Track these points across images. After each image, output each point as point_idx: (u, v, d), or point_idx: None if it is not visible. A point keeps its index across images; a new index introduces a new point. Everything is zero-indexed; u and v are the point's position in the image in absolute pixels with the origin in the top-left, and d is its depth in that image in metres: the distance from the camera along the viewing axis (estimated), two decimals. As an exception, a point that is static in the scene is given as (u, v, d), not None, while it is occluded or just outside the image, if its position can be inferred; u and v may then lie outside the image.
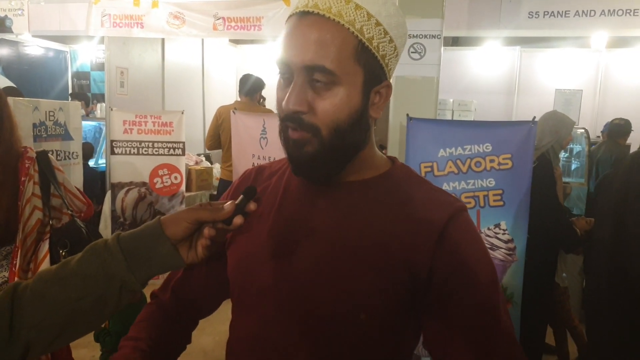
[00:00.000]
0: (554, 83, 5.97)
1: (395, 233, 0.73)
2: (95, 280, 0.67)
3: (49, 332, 0.67)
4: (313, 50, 0.67)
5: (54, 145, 3.54)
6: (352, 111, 0.71)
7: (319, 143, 0.71)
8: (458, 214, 0.74)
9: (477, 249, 0.75)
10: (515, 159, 2.43)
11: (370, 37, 0.69)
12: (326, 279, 0.73)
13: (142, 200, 4.01)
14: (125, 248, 0.68)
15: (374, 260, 0.72)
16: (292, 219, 0.78)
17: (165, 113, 4.23)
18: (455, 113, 5.59)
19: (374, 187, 0.77)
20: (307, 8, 0.68)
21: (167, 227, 0.69)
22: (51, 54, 6.71)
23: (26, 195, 1.61)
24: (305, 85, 0.69)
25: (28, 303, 0.67)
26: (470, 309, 0.71)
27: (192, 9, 4.24)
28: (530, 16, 3.72)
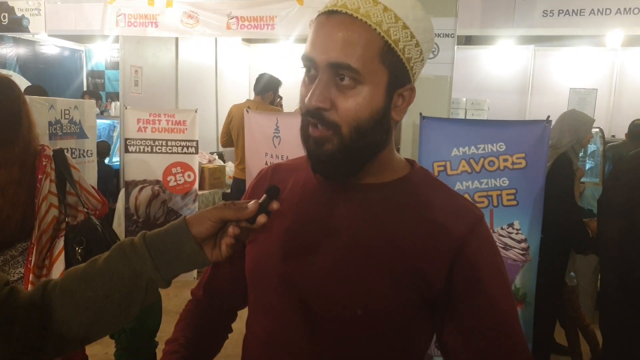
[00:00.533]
0: (568, 82, 5.91)
1: (413, 239, 0.74)
2: (122, 278, 0.69)
3: (78, 328, 0.69)
4: (339, 48, 0.68)
5: (69, 143, 3.60)
6: (374, 111, 0.71)
7: (339, 141, 0.71)
8: (478, 224, 0.75)
9: (496, 261, 0.76)
10: (529, 159, 2.42)
11: (397, 39, 0.69)
12: (341, 280, 0.73)
13: (156, 198, 4.05)
14: (151, 246, 0.69)
15: (389, 264, 0.73)
16: (309, 219, 0.78)
17: (178, 111, 4.27)
18: (469, 112, 5.56)
19: (393, 190, 0.78)
20: (336, 7, 0.69)
21: (192, 226, 0.70)
22: (67, 53, 6.79)
23: (43, 193, 1.63)
24: (330, 82, 0.70)
25: (58, 300, 0.69)
26: (487, 322, 0.72)
27: (206, 8, 4.26)
28: (545, 14, 3.68)
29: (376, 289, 0.72)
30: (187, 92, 5.46)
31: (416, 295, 0.73)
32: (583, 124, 2.60)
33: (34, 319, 0.68)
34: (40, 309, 0.68)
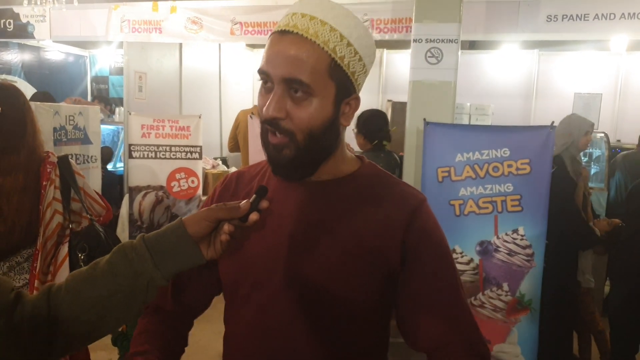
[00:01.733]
0: (572, 87, 5.88)
1: (369, 223, 0.84)
2: (124, 278, 0.73)
3: (84, 327, 0.73)
4: (292, 65, 0.76)
5: (74, 149, 3.61)
6: (324, 119, 0.80)
7: (295, 147, 0.80)
8: (421, 205, 0.88)
9: (438, 236, 0.89)
10: (533, 164, 2.41)
11: (342, 56, 0.78)
12: (314, 266, 0.83)
13: (160, 203, 4.05)
14: (150, 247, 0.74)
15: (353, 248, 0.83)
16: (277, 217, 0.86)
17: (182, 117, 4.28)
18: (473, 117, 5.54)
19: (347, 184, 0.88)
20: (288, 28, 0.78)
21: (189, 226, 0.75)
22: (71, 58, 6.83)
23: (47, 199, 1.64)
24: (285, 95, 0.78)
25: (64, 301, 0.73)
26: (431, 286, 0.85)
27: (210, 14, 4.28)
28: (549, 19, 3.67)
29: (345, 270, 0.82)
30: (191, 97, 5.47)
31: (379, 272, 0.84)
32: (576, 127, 2.62)
33: (41, 320, 0.71)
34: (47, 310, 0.72)
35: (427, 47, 2.86)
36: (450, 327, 0.84)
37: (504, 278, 2.47)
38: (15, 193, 1.57)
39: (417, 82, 2.90)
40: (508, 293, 2.47)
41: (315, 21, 0.77)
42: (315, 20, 0.77)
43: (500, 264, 2.47)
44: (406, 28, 3.60)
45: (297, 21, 0.77)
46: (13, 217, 1.57)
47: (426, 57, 2.87)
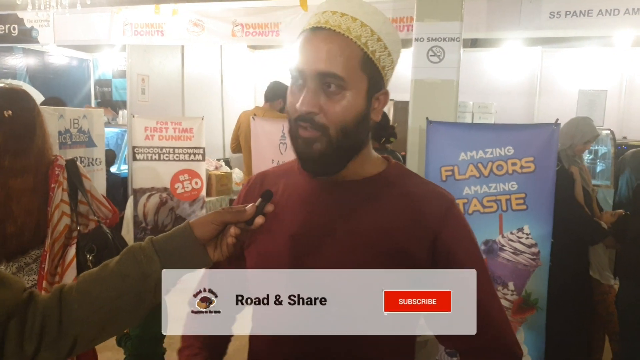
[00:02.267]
0: (577, 84, 5.84)
1: (397, 224, 0.84)
2: (133, 279, 0.75)
3: (93, 327, 0.75)
4: (326, 59, 0.78)
5: (78, 152, 3.62)
6: (357, 113, 0.81)
7: (327, 141, 0.80)
8: (452, 206, 0.87)
9: (469, 238, 0.88)
10: (537, 162, 2.39)
11: (374, 50, 0.80)
12: (338, 267, 0.81)
13: (164, 205, 4.06)
14: (158, 249, 0.76)
15: (380, 249, 0.82)
16: (302, 218, 0.86)
17: (185, 119, 4.29)
18: (476, 115, 5.52)
19: (374, 184, 0.88)
20: (320, 24, 0.80)
21: (196, 228, 0.77)
22: (74, 62, 6.86)
23: (55, 201, 1.67)
24: (318, 89, 0.79)
25: (74, 301, 0.75)
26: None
27: (211, 16, 4.29)
28: (552, 16, 3.65)
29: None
30: (193, 99, 5.49)
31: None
32: (580, 134, 2.64)
33: (52, 320, 0.73)
34: (58, 310, 0.74)
35: (428, 45, 2.85)
36: (484, 328, 0.81)
37: (509, 277, 2.45)
38: (25, 194, 1.61)
39: (419, 81, 2.89)
40: (514, 292, 2.45)
41: (347, 17, 0.79)
42: (347, 16, 0.79)
43: (506, 263, 2.45)
44: (407, 27, 3.59)
45: (328, 18, 0.80)
46: (23, 218, 1.60)
47: (428, 56, 2.85)
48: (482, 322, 0.80)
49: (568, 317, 2.56)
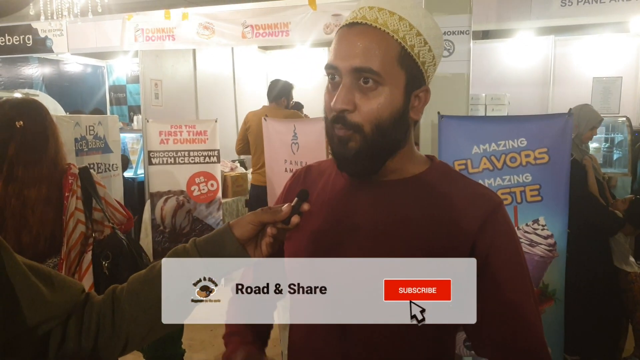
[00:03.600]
0: (591, 71, 5.74)
1: (435, 228, 0.80)
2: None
3: (142, 327, 0.78)
4: (362, 54, 0.76)
5: (95, 158, 3.69)
6: (394, 110, 0.78)
7: (362, 139, 0.78)
8: (496, 210, 0.81)
9: (511, 248, 0.82)
10: (551, 153, 2.37)
11: (412, 45, 0.77)
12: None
13: (181, 208, 4.12)
14: (201, 250, 0.79)
15: (415, 251, 0.79)
16: (340, 217, 0.85)
17: (199, 122, 4.34)
18: (489, 107, 5.47)
19: (415, 185, 0.84)
20: (356, 19, 0.78)
21: (236, 229, 0.79)
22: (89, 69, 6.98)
23: (70, 210, 1.68)
24: (353, 86, 0.77)
25: (125, 301, 0.78)
26: (507, 290, 0.79)
27: (221, 19, 4.32)
28: (563, 4, 3.60)
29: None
30: (207, 102, 5.54)
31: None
32: (584, 120, 2.62)
33: (106, 319, 0.78)
34: (111, 310, 0.78)
35: (438, 40, 2.84)
36: (516, 338, 0.79)
37: (526, 269, 2.44)
38: (39, 204, 1.62)
39: (430, 75, 2.88)
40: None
41: (384, 12, 0.77)
42: (384, 11, 0.77)
43: (522, 255, 2.44)
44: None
45: (365, 13, 0.78)
46: (37, 227, 1.61)
47: (438, 50, 2.85)
48: (512, 339, 0.78)
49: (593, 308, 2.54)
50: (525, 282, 0.82)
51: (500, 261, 0.79)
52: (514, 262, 0.81)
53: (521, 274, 0.81)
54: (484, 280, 0.78)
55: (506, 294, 0.79)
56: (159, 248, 4.10)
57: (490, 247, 0.79)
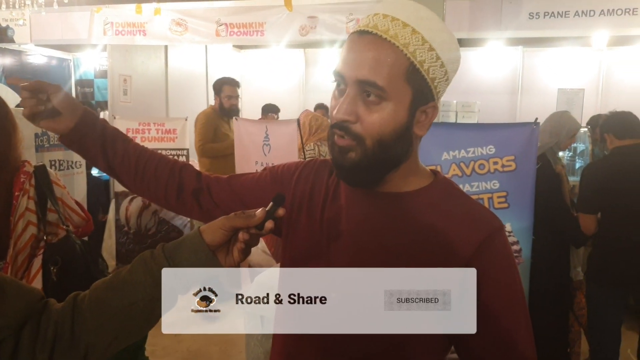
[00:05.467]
0: (556, 82, 5.95)
1: (430, 247, 0.77)
2: (145, 287, 0.74)
3: (105, 336, 0.75)
4: (367, 66, 0.73)
5: (57, 154, 3.55)
6: (396, 126, 0.75)
7: (362, 152, 0.76)
8: (494, 235, 0.77)
9: (510, 267, 0.79)
10: (518, 161, 2.42)
11: (422, 60, 0.74)
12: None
13: (147, 208, 4.01)
14: (169, 256, 0.76)
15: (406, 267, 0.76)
16: (332, 221, 0.84)
17: (168, 120, 4.26)
18: (459, 114, 5.57)
19: (414, 199, 0.81)
20: (367, 28, 0.75)
21: (206, 234, 0.76)
22: (54, 62, 6.75)
23: (19, 210, 1.58)
24: (357, 97, 0.75)
25: (87, 310, 0.75)
26: (487, 336, 0.76)
27: (195, 16, 4.26)
28: (531, 17, 3.72)
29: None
30: (178, 100, 5.44)
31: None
32: (565, 128, 2.66)
33: (65, 328, 0.74)
34: (71, 318, 0.74)
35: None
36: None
37: (491, 274, 2.48)
38: None
39: (403, 81, 2.91)
40: (496, 289, 2.48)
41: (397, 23, 0.73)
42: (397, 21, 0.73)
43: (488, 261, 2.48)
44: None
45: (377, 22, 0.74)
46: None
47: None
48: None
49: (549, 314, 2.61)
50: (519, 313, 0.79)
51: (493, 291, 0.76)
52: (508, 293, 0.78)
53: (515, 305, 0.78)
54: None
55: (498, 325, 0.77)
56: (123, 250, 3.98)
57: (483, 276, 0.75)
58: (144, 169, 0.97)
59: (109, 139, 0.97)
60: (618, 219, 2.27)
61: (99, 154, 0.96)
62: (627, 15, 3.48)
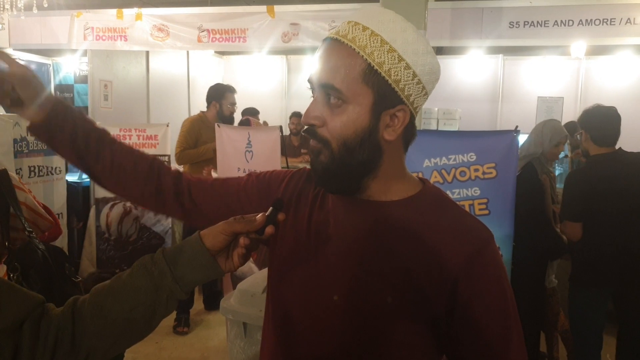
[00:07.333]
0: (536, 90, 6.06)
1: (417, 259, 0.75)
2: (145, 292, 0.74)
3: (106, 341, 0.75)
4: (327, 70, 0.75)
5: (36, 160, 3.49)
6: (358, 129, 0.75)
7: (330, 155, 0.76)
8: (484, 247, 0.76)
9: (501, 280, 0.77)
10: (499, 168, 2.45)
11: (381, 62, 0.73)
12: (346, 291, 0.78)
13: (128, 215, 3.96)
14: (170, 261, 0.76)
15: (393, 281, 0.75)
16: (319, 230, 0.83)
17: (150, 126, 4.20)
18: (441, 122, 5.63)
19: (401, 208, 0.79)
20: (332, 35, 0.77)
21: (206, 239, 0.76)
22: (33, 66, 6.62)
23: None
24: (323, 101, 0.76)
25: (87, 314, 0.74)
26: (487, 331, 0.75)
27: (177, 22, 4.23)
28: (511, 26, 3.78)
29: (386, 306, 0.75)
30: (159, 105, 5.39)
31: (422, 314, 0.75)
32: (548, 137, 2.69)
33: (66, 334, 0.73)
34: (72, 323, 0.74)
35: (393, 54, 2.89)
36: None
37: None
38: None
39: (385, 88, 2.93)
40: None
41: (358, 27, 0.74)
42: (358, 25, 0.74)
43: (469, 267, 2.49)
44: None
45: (340, 28, 0.76)
46: None
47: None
48: None
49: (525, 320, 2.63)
50: (510, 325, 0.77)
51: (482, 306, 0.74)
52: (498, 305, 0.76)
53: (506, 317, 0.76)
54: (464, 324, 0.75)
55: (489, 337, 0.75)
56: (104, 257, 3.91)
57: (472, 290, 0.74)
58: (119, 166, 0.92)
59: (81, 133, 0.90)
60: (602, 223, 2.31)
61: (70, 149, 0.91)
62: (605, 25, 3.57)
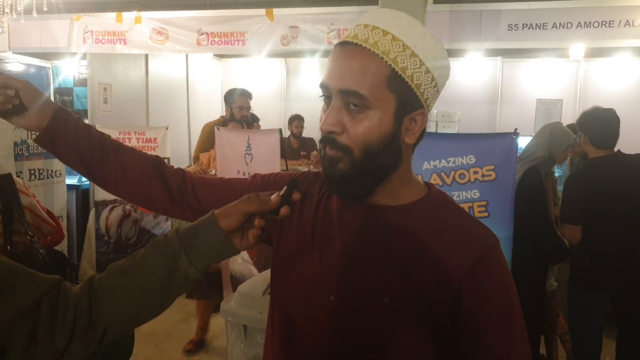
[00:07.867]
0: (535, 92, 6.07)
1: (422, 263, 0.75)
2: (160, 272, 0.75)
3: (121, 319, 0.76)
4: (348, 76, 0.73)
5: (36, 163, 3.49)
6: (382, 135, 0.74)
7: (351, 162, 0.75)
8: (490, 252, 0.75)
9: (507, 287, 0.76)
10: (498, 170, 2.46)
11: (404, 67, 0.73)
12: (352, 299, 0.77)
13: (127, 217, 3.96)
14: (185, 242, 0.75)
15: (397, 285, 0.75)
16: (323, 233, 0.82)
17: (149, 129, 4.21)
18: (440, 124, 5.64)
19: (407, 213, 0.79)
20: (348, 39, 0.75)
21: (221, 219, 0.75)
22: (32, 70, 6.63)
23: None
24: (342, 108, 0.74)
25: (103, 293, 0.75)
26: (491, 337, 0.75)
27: (176, 25, 4.24)
28: (510, 28, 3.79)
29: (389, 309, 0.75)
30: (158, 108, 5.39)
31: (425, 318, 0.74)
32: (557, 141, 2.67)
33: (83, 312, 0.74)
34: (88, 302, 0.75)
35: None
36: None
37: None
38: None
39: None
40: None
41: (377, 31, 0.73)
42: (377, 30, 0.73)
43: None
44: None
45: (358, 32, 0.74)
46: None
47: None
48: None
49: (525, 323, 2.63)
50: (515, 331, 0.76)
51: (487, 313, 0.74)
52: (504, 311, 0.75)
53: (512, 324, 0.76)
54: (468, 329, 0.74)
55: (494, 343, 0.75)
56: (103, 259, 3.91)
57: (477, 297, 0.73)
58: (124, 171, 0.95)
59: (83, 141, 0.93)
60: (601, 226, 2.31)
61: (75, 156, 0.93)
62: (603, 28, 3.57)
